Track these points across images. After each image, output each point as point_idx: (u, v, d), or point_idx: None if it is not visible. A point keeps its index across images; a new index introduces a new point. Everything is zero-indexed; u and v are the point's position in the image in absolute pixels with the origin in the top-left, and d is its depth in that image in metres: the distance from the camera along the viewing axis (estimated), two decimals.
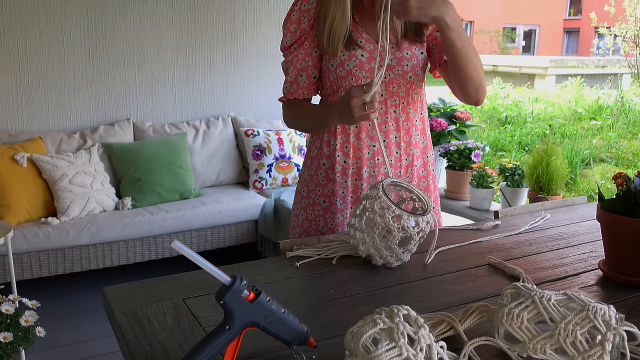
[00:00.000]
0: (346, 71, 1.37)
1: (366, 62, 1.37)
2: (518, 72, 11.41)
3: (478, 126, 6.52)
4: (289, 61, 1.43)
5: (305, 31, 1.40)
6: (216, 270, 0.74)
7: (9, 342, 1.59)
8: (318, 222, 1.47)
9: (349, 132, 1.42)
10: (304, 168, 1.52)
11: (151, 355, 0.82)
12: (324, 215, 1.46)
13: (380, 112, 1.40)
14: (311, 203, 1.48)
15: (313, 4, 1.39)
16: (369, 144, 1.42)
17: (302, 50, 1.41)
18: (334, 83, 1.41)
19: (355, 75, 1.37)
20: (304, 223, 1.50)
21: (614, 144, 6.18)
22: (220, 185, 3.71)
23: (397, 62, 1.38)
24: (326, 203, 1.46)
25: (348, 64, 1.37)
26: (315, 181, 1.48)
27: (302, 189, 1.52)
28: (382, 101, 1.40)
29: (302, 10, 1.40)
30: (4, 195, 2.90)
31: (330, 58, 1.39)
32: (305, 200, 1.50)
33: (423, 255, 1.23)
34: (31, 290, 3.03)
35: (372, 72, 1.37)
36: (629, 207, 1.06)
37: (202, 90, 3.82)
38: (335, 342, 0.86)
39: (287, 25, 1.42)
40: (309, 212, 1.49)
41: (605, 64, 10.88)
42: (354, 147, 1.42)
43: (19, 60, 3.28)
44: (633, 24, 7.62)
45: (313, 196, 1.48)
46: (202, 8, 3.72)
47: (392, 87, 1.40)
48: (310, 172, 1.49)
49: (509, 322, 0.78)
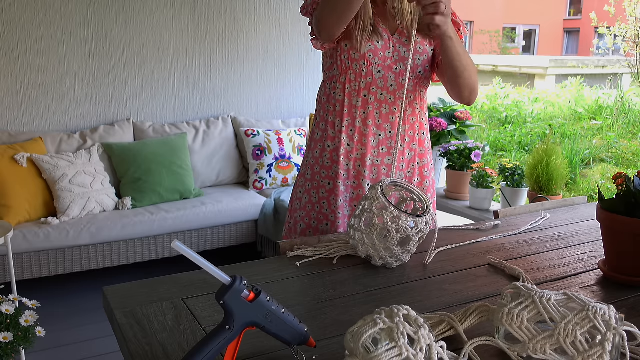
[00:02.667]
0: (359, 55, 1.38)
1: (380, 49, 1.38)
2: (518, 72, 11.41)
3: (478, 126, 6.52)
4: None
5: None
6: (216, 270, 0.74)
7: (9, 342, 1.58)
8: (322, 205, 1.47)
9: (355, 116, 1.42)
10: (308, 151, 1.52)
11: (151, 355, 0.82)
12: (328, 197, 1.46)
13: (389, 103, 1.41)
14: (315, 186, 1.48)
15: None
16: (375, 132, 1.43)
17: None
18: (344, 63, 1.40)
19: (368, 60, 1.38)
20: (307, 206, 1.49)
21: (614, 144, 6.18)
22: (220, 185, 3.71)
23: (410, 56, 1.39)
24: (331, 185, 1.46)
25: (363, 48, 1.37)
26: (320, 163, 1.48)
27: (306, 171, 1.51)
28: (391, 91, 1.41)
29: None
30: (4, 195, 2.90)
31: (345, 37, 1.38)
32: (309, 183, 1.50)
33: (423, 255, 1.23)
34: (31, 290, 3.03)
35: (385, 61, 1.39)
36: (629, 207, 1.06)
37: (202, 90, 3.82)
38: (335, 342, 0.86)
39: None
40: (312, 195, 1.49)
41: (605, 64, 10.88)
42: (360, 132, 1.43)
43: (19, 60, 3.28)
44: (633, 24, 7.62)
45: (318, 179, 1.48)
46: (202, 8, 3.72)
47: (402, 79, 1.41)
48: (315, 155, 1.49)
49: (509, 322, 0.78)
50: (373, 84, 1.40)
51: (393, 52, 1.40)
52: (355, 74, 1.40)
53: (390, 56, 1.40)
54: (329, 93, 1.46)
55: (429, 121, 3.72)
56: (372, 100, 1.41)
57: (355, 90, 1.41)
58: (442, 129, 3.63)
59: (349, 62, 1.39)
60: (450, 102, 4.02)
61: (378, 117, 1.42)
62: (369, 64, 1.39)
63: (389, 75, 1.41)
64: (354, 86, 1.41)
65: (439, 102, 3.96)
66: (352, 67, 1.40)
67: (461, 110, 3.82)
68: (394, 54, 1.40)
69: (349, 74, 1.41)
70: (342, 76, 1.42)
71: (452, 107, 3.90)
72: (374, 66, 1.39)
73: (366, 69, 1.39)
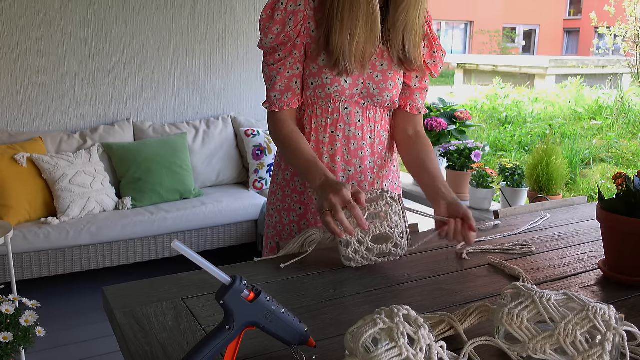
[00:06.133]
0: (326, 94, 1.32)
1: (348, 88, 1.31)
2: (518, 72, 11.41)
3: (478, 126, 6.52)
4: (274, 68, 1.31)
5: (291, 37, 1.28)
6: (216, 270, 0.74)
7: (9, 342, 1.59)
8: (292, 228, 1.42)
9: (323, 152, 1.37)
10: (278, 170, 1.45)
11: (151, 355, 0.82)
12: (299, 222, 1.42)
13: (357, 138, 1.37)
14: (286, 208, 1.43)
15: (301, 6, 1.26)
16: (344, 168, 1.39)
17: (291, 58, 1.30)
18: (309, 99, 1.34)
19: (334, 99, 1.32)
20: (277, 226, 1.45)
21: (614, 144, 6.18)
22: (220, 185, 3.71)
23: (379, 92, 1.35)
24: (302, 210, 1.41)
25: (329, 88, 1.31)
26: (291, 187, 1.42)
27: (277, 190, 1.45)
28: (359, 127, 1.37)
29: (288, 12, 1.26)
30: (4, 195, 2.90)
31: (311, 74, 1.31)
32: (280, 203, 1.44)
33: (423, 255, 1.23)
34: (31, 290, 3.02)
35: (352, 97, 1.33)
36: (629, 207, 1.06)
37: (202, 90, 3.82)
38: (335, 342, 0.86)
39: (270, 25, 1.28)
40: (283, 216, 1.44)
41: (605, 64, 10.87)
42: (329, 168, 1.35)
43: (19, 60, 3.28)
44: (633, 24, 7.62)
45: (289, 201, 1.42)
46: (202, 8, 3.72)
47: (369, 113, 1.38)
48: (286, 177, 1.42)
49: (509, 322, 0.78)
50: (340, 121, 1.35)
51: (362, 89, 1.33)
52: (322, 110, 1.34)
53: (358, 92, 1.34)
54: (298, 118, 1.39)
55: (429, 121, 3.72)
56: (340, 137, 1.36)
57: (322, 126, 1.36)
58: (442, 129, 3.63)
59: (314, 99, 1.33)
60: (450, 102, 4.02)
61: (347, 154, 1.37)
62: (335, 102, 1.33)
63: (357, 110, 1.36)
64: (320, 121, 1.35)
65: (439, 102, 3.96)
66: (318, 103, 1.34)
67: (461, 110, 3.82)
68: (363, 91, 1.34)
69: (316, 109, 1.35)
70: (310, 109, 1.36)
71: (452, 107, 3.90)
72: (341, 103, 1.33)
73: (332, 105, 1.33)
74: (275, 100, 1.33)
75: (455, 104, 4.05)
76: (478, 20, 22.34)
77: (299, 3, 1.26)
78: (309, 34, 1.29)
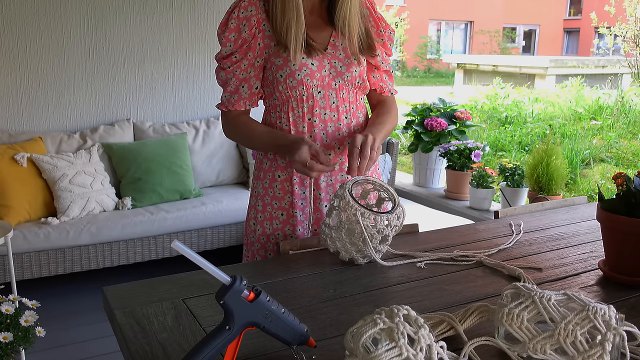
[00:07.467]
0: (297, 81, 1.35)
1: (317, 70, 1.36)
2: (518, 72, 11.41)
3: (478, 126, 6.51)
4: (229, 71, 1.39)
5: (246, 40, 1.36)
6: (216, 270, 0.74)
7: (9, 342, 1.59)
8: (277, 236, 1.43)
9: None
10: (256, 181, 1.47)
11: (151, 355, 0.82)
12: (283, 228, 1.42)
13: (334, 120, 1.40)
14: (268, 217, 1.43)
15: (253, 12, 1.35)
16: (324, 153, 1.37)
17: (245, 60, 1.37)
18: (284, 93, 1.38)
19: (306, 85, 1.36)
20: (261, 238, 1.44)
21: (614, 144, 6.18)
22: (220, 185, 3.71)
23: (346, 69, 1.39)
24: (284, 216, 1.42)
25: (299, 74, 1.35)
26: (271, 194, 1.43)
27: (256, 203, 1.46)
28: (334, 109, 1.40)
29: (240, 18, 1.35)
30: (4, 195, 2.90)
31: (278, 68, 1.36)
32: (261, 214, 1.44)
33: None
34: (31, 290, 3.02)
35: (323, 80, 1.38)
36: (629, 207, 1.06)
37: (202, 90, 3.82)
38: (335, 342, 0.86)
39: (225, 34, 1.37)
40: (266, 227, 1.44)
41: (605, 64, 10.87)
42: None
43: (19, 60, 3.28)
44: (633, 24, 7.62)
45: (270, 210, 1.43)
46: (202, 8, 3.72)
47: (342, 93, 1.41)
48: (265, 185, 1.44)
49: (509, 322, 0.78)
50: (315, 106, 1.38)
51: (329, 69, 1.38)
52: (297, 101, 1.38)
53: (327, 74, 1.38)
54: (274, 122, 1.43)
55: (429, 121, 3.72)
56: (317, 122, 1.38)
57: (299, 117, 1.39)
58: (442, 129, 3.62)
59: (289, 92, 1.37)
60: (450, 102, 4.01)
61: (325, 137, 1.40)
62: (307, 88, 1.37)
63: (330, 92, 1.39)
64: (297, 113, 1.39)
65: (439, 102, 3.96)
66: (293, 95, 1.37)
67: (461, 110, 3.82)
68: (331, 71, 1.38)
69: (291, 102, 1.38)
70: (285, 105, 1.39)
71: (452, 107, 3.90)
72: (314, 88, 1.37)
73: (306, 92, 1.37)
74: (227, 100, 1.43)
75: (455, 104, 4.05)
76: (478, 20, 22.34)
77: (250, 9, 1.35)
78: (266, 35, 1.37)
